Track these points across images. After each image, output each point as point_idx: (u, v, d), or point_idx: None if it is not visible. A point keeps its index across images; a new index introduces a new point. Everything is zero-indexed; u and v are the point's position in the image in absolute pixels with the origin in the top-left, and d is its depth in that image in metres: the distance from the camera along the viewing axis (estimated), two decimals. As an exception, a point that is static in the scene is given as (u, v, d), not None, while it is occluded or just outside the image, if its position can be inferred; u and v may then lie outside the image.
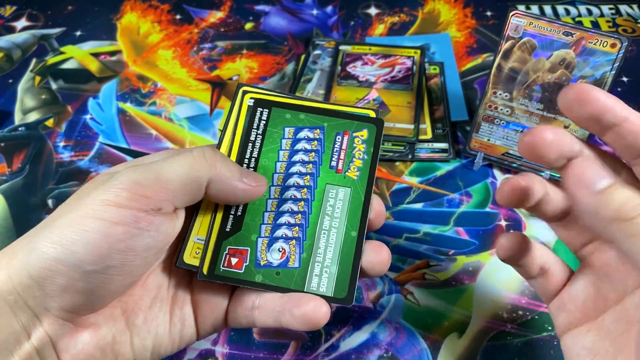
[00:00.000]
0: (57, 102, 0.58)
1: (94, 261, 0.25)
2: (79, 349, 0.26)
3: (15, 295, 0.24)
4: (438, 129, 0.54)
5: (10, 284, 0.24)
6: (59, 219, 0.25)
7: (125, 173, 0.26)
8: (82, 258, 0.24)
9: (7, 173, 0.51)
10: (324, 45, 0.62)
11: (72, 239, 0.24)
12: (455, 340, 0.40)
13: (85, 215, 0.25)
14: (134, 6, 0.70)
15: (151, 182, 0.26)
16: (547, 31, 0.44)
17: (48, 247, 0.24)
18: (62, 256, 0.24)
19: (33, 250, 0.25)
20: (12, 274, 0.25)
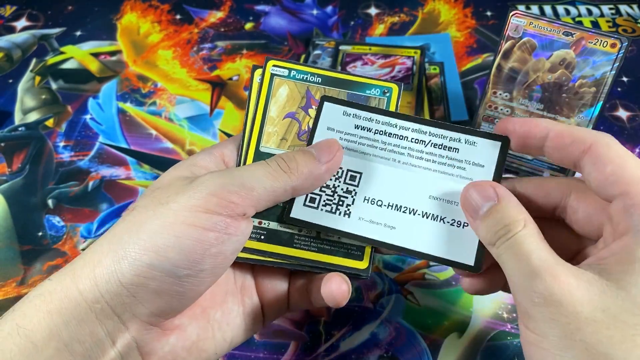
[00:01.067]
0: (57, 102, 0.58)
1: (188, 266, 0.25)
2: (165, 352, 0.27)
3: (103, 303, 0.25)
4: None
5: (97, 292, 0.24)
6: (146, 225, 0.25)
7: (211, 179, 0.27)
8: (177, 264, 0.25)
9: (7, 173, 0.51)
10: (324, 45, 0.62)
11: (165, 245, 0.25)
12: (455, 340, 0.40)
13: (177, 222, 0.25)
14: (134, 6, 0.70)
15: (237, 189, 0.26)
16: (547, 31, 0.44)
17: (141, 254, 0.24)
18: (156, 262, 0.24)
19: (124, 258, 0.25)
20: (99, 282, 0.25)
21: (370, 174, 0.30)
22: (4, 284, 0.43)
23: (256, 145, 0.32)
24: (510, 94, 0.47)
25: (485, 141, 0.30)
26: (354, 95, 0.32)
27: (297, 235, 0.31)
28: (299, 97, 0.32)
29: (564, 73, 0.45)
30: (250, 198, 0.27)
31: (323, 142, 0.30)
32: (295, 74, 0.33)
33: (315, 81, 0.32)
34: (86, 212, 0.48)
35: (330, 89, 0.32)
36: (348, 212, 0.30)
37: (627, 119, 0.56)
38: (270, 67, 0.32)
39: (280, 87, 0.32)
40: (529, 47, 0.45)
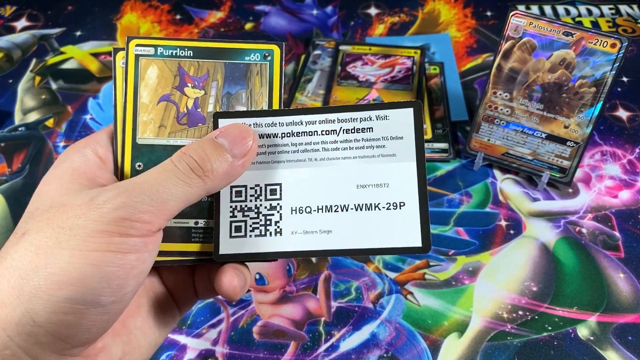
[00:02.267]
0: (57, 102, 0.58)
1: (112, 293, 0.23)
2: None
3: (13, 348, 0.22)
4: (438, 129, 0.54)
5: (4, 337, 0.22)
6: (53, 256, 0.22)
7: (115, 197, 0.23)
8: (100, 293, 0.22)
9: (7, 173, 0.51)
10: (324, 45, 0.62)
11: (83, 275, 0.22)
12: (455, 340, 0.40)
13: (91, 249, 0.22)
14: (134, 6, 0.70)
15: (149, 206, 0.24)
16: (547, 31, 0.44)
17: (55, 289, 0.22)
18: (76, 295, 0.22)
19: (35, 296, 0.22)
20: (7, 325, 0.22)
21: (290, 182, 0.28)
22: (4, 284, 0.43)
23: (132, 137, 0.29)
24: (510, 94, 0.47)
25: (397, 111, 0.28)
26: (232, 65, 0.29)
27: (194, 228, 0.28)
28: (171, 77, 0.29)
29: (564, 73, 0.45)
30: (164, 212, 0.24)
31: (234, 131, 0.27)
32: (162, 51, 0.29)
33: (186, 55, 0.29)
34: (86, 212, 0.48)
35: (205, 62, 0.29)
36: (279, 229, 0.27)
37: (627, 119, 0.56)
38: (133, 47, 0.29)
39: (148, 68, 0.29)
40: (529, 47, 0.45)
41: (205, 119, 0.29)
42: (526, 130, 0.48)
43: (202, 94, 0.29)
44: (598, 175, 0.51)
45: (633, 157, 0.52)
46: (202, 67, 0.29)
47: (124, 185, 0.24)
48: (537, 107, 0.47)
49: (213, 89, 0.29)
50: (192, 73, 0.29)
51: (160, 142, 0.29)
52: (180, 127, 0.29)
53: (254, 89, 0.29)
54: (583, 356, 0.39)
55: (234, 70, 0.29)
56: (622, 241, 0.45)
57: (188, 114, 0.29)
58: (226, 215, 0.28)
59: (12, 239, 0.25)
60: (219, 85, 0.29)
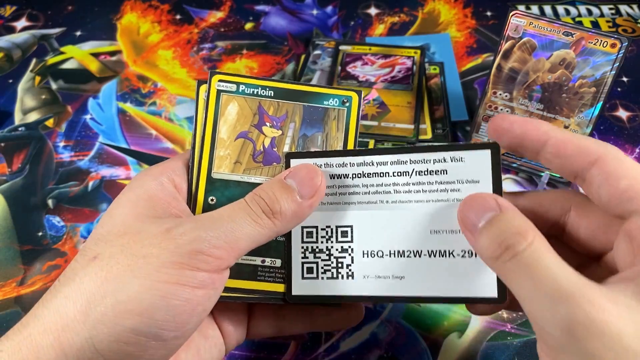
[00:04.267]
0: (57, 102, 0.58)
1: (176, 327, 0.23)
2: None
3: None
4: (438, 129, 0.54)
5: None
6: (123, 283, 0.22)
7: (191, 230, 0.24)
8: (165, 327, 0.22)
9: (7, 173, 0.51)
10: (324, 45, 0.62)
11: (151, 306, 0.22)
12: (455, 340, 0.40)
13: (161, 280, 0.22)
14: (134, 6, 0.70)
15: (223, 243, 0.24)
16: (547, 31, 0.44)
17: (122, 318, 0.22)
18: (142, 327, 0.22)
19: (99, 322, 0.22)
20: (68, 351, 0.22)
21: (362, 225, 0.27)
22: (4, 284, 0.43)
23: (207, 171, 0.29)
24: (510, 94, 0.47)
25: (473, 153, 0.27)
26: (310, 108, 0.30)
27: (261, 267, 0.28)
28: (250, 115, 0.29)
29: (564, 73, 0.45)
30: (236, 250, 0.24)
31: (303, 172, 0.26)
32: (244, 89, 0.30)
33: (267, 95, 0.30)
34: (86, 212, 0.48)
35: (284, 103, 0.29)
36: (350, 272, 0.27)
37: (627, 119, 0.56)
38: (216, 82, 0.30)
39: (229, 104, 0.29)
40: (529, 47, 0.45)
41: (280, 159, 0.29)
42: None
43: (279, 134, 0.29)
44: (598, 175, 0.51)
45: (633, 157, 0.52)
46: (281, 107, 0.30)
47: (201, 219, 0.25)
48: (537, 107, 0.47)
49: (290, 129, 0.29)
50: (272, 113, 0.30)
51: (235, 177, 0.29)
52: (256, 165, 0.29)
53: (330, 132, 0.29)
54: (583, 356, 0.39)
55: (312, 114, 0.30)
56: (622, 241, 0.45)
57: (264, 152, 0.29)
58: (298, 256, 0.28)
59: (80, 261, 0.24)
60: (296, 127, 0.30)
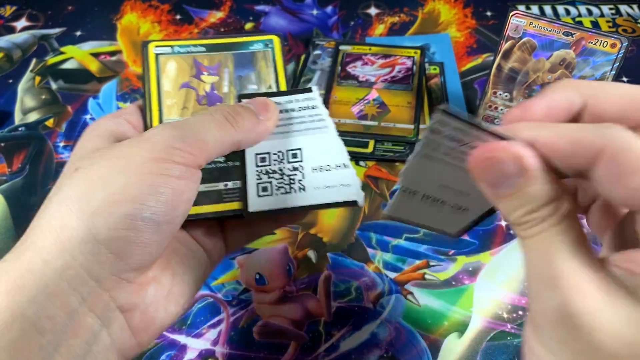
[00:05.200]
0: (57, 102, 0.58)
1: (166, 213, 0.25)
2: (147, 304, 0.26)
3: (76, 268, 0.23)
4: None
5: (68, 257, 0.23)
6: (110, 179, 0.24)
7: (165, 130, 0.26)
8: (156, 212, 0.24)
9: (7, 173, 0.51)
10: (324, 45, 0.62)
11: (142, 193, 0.24)
12: (455, 340, 0.40)
13: (146, 172, 0.24)
14: (134, 6, 0.70)
15: (194, 141, 0.26)
16: (547, 31, 0.44)
17: (116, 207, 0.23)
18: (135, 212, 0.24)
19: (95, 214, 0.23)
20: (69, 246, 0.23)
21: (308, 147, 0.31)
22: (4, 284, 0.43)
23: (159, 118, 0.32)
24: (510, 94, 0.47)
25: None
26: (240, 54, 0.34)
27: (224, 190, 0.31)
28: (188, 69, 0.33)
29: (564, 73, 0.45)
30: (205, 150, 0.27)
31: (259, 100, 0.30)
32: (178, 49, 0.34)
33: (199, 51, 0.34)
34: (86, 212, 0.48)
35: (216, 54, 0.34)
36: (302, 186, 0.31)
37: (627, 119, 0.56)
38: (153, 48, 0.34)
39: (167, 62, 0.34)
40: (529, 47, 0.45)
41: (222, 99, 0.33)
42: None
43: (216, 79, 0.34)
44: (598, 175, 0.51)
45: (633, 157, 0.52)
46: (214, 58, 0.34)
47: (170, 124, 0.27)
48: (537, 107, 0.47)
49: (226, 74, 0.34)
50: (206, 64, 0.34)
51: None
52: (201, 107, 0.33)
53: (260, 70, 0.34)
54: (583, 356, 0.39)
55: (242, 58, 0.34)
56: (622, 241, 0.45)
57: (207, 96, 0.33)
58: (253, 179, 0.31)
59: (64, 176, 0.27)
60: (231, 71, 0.34)
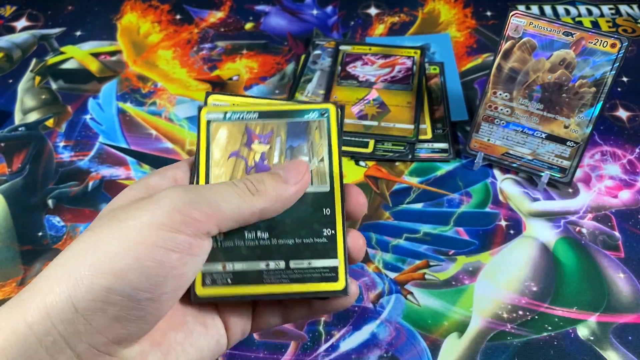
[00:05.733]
0: (57, 102, 0.58)
1: (149, 289, 0.23)
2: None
3: (55, 335, 0.22)
4: (438, 129, 0.54)
5: (48, 323, 0.22)
6: (103, 245, 0.23)
7: (173, 193, 0.25)
8: (138, 286, 0.23)
9: (7, 173, 0.51)
10: (324, 45, 0.62)
11: (125, 266, 0.23)
12: (455, 340, 0.40)
13: (138, 242, 0.23)
14: (134, 6, 0.70)
15: (203, 206, 0.25)
16: (547, 31, 0.44)
17: (98, 277, 0.23)
18: (116, 286, 0.23)
19: (79, 282, 0.23)
20: (51, 311, 0.22)
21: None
22: (4, 284, 0.43)
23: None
24: (510, 94, 0.47)
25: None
26: (293, 123, 0.32)
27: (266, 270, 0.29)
28: (239, 136, 0.32)
29: (564, 73, 0.45)
30: (216, 217, 0.25)
31: (291, 164, 0.29)
32: (230, 116, 0.33)
33: (252, 118, 0.32)
34: (86, 212, 0.48)
35: (269, 122, 0.32)
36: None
37: (627, 119, 0.56)
38: (204, 114, 0.32)
39: (219, 130, 0.32)
40: (529, 47, 0.45)
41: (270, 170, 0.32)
42: (526, 130, 0.48)
43: (267, 148, 0.32)
44: (598, 175, 0.51)
45: (633, 157, 0.52)
46: (266, 126, 0.32)
47: (187, 186, 0.26)
48: (537, 107, 0.47)
49: (277, 143, 0.32)
50: (258, 132, 0.32)
51: None
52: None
53: (314, 141, 0.32)
54: (583, 356, 0.39)
55: (296, 127, 0.33)
56: (622, 241, 0.45)
57: (256, 166, 0.31)
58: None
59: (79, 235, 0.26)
60: (283, 140, 0.32)
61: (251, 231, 0.30)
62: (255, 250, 0.30)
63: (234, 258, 0.30)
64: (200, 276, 0.29)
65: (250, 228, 0.30)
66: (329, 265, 0.30)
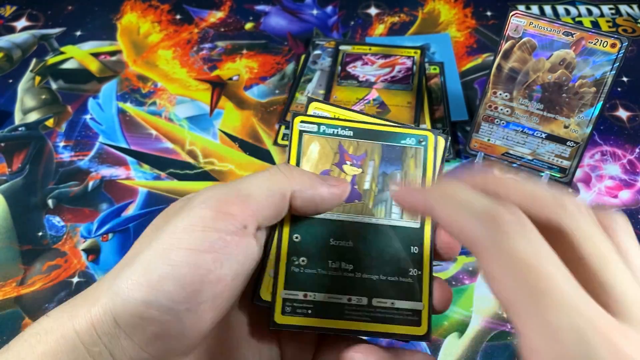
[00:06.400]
0: (57, 102, 0.58)
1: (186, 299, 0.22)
2: None
3: (101, 346, 0.22)
4: (438, 129, 0.54)
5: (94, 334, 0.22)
6: (141, 254, 0.22)
7: (204, 192, 0.24)
8: (174, 297, 0.22)
9: (7, 173, 0.51)
10: (324, 45, 0.62)
11: (160, 276, 0.22)
12: (455, 340, 0.40)
13: (171, 247, 0.22)
14: (134, 6, 0.70)
15: (234, 197, 0.23)
16: (547, 31, 0.44)
17: (134, 290, 0.22)
18: (152, 298, 0.22)
19: (117, 294, 0.22)
20: (96, 323, 0.22)
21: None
22: (4, 284, 0.43)
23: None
24: (510, 94, 0.47)
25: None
26: (389, 146, 0.30)
27: (347, 305, 0.28)
28: (331, 154, 0.30)
29: (564, 73, 0.45)
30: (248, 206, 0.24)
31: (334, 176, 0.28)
32: (325, 129, 0.30)
33: (347, 135, 0.30)
34: (86, 212, 0.48)
35: (363, 142, 0.30)
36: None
37: (627, 119, 0.56)
38: (298, 123, 0.30)
39: (311, 143, 0.30)
40: (529, 47, 0.45)
41: (361, 196, 0.29)
42: (526, 130, 0.48)
43: (359, 172, 0.30)
44: (598, 175, 0.51)
45: (633, 157, 0.52)
46: (360, 146, 0.30)
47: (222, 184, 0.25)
48: (537, 107, 0.47)
49: (370, 167, 0.30)
50: (352, 152, 0.30)
51: (318, 215, 0.29)
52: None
53: (408, 170, 0.30)
54: (583, 356, 0.39)
55: (391, 152, 0.30)
56: (622, 241, 0.45)
57: None
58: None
59: None
60: (376, 165, 0.30)
61: (335, 261, 0.28)
62: (338, 281, 0.28)
63: (316, 288, 0.28)
64: (281, 303, 0.27)
65: (334, 257, 0.28)
66: (413, 308, 0.28)
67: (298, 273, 0.28)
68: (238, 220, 0.23)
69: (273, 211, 0.25)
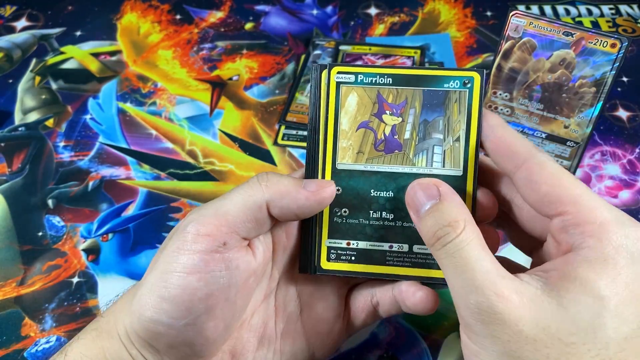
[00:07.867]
0: (57, 102, 0.58)
1: (182, 315, 0.24)
2: None
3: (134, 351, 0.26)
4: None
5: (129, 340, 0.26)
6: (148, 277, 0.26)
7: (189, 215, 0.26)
8: (173, 315, 0.24)
9: (7, 173, 0.51)
10: (324, 45, 0.62)
11: (159, 297, 0.24)
12: (455, 340, 0.40)
13: (165, 271, 0.25)
14: (134, 6, 0.70)
15: (210, 218, 0.25)
16: (547, 31, 0.44)
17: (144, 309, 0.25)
18: (156, 316, 0.24)
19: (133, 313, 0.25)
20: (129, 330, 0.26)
21: None
22: (4, 284, 0.43)
23: (332, 162, 0.29)
24: (510, 94, 0.47)
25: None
26: (430, 92, 0.29)
27: (389, 252, 0.29)
28: (370, 104, 0.29)
29: (564, 73, 0.45)
30: (225, 224, 0.25)
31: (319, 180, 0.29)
32: (362, 78, 0.29)
33: (385, 83, 0.29)
34: (86, 212, 0.48)
35: (403, 89, 0.29)
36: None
37: (627, 119, 0.56)
38: (335, 74, 0.29)
39: (349, 95, 0.29)
40: (529, 47, 0.45)
41: (401, 146, 0.29)
42: (526, 130, 0.48)
43: (399, 121, 0.29)
44: (598, 175, 0.51)
45: (633, 157, 0.52)
46: (400, 94, 0.29)
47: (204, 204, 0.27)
48: (537, 107, 0.47)
49: (410, 116, 0.29)
50: (391, 100, 0.29)
51: (358, 167, 0.29)
52: (377, 154, 0.29)
53: (451, 116, 0.29)
54: (583, 356, 0.39)
55: (432, 98, 0.29)
56: (622, 241, 0.45)
57: (385, 140, 0.29)
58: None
59: None
60: (417, 113, 0.29)
61: (376, 211, 0.29)
62: (379, 230, 0.29)
63: (358, 236, 0.29)
64: (326, 251, 0.29)
65: (375, 207, 0.29)
66: None
67: (341, 223, 0.29)
68: (216, 239, 0.25)
69: (253, 223, 0.26)
